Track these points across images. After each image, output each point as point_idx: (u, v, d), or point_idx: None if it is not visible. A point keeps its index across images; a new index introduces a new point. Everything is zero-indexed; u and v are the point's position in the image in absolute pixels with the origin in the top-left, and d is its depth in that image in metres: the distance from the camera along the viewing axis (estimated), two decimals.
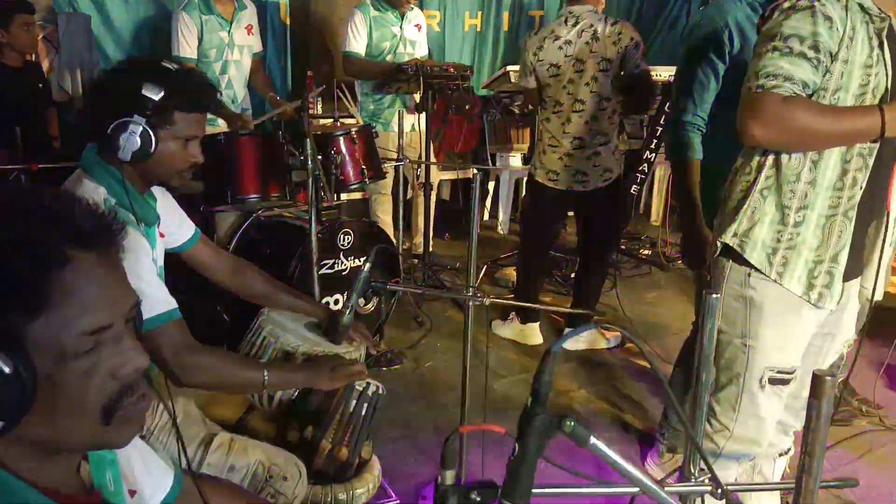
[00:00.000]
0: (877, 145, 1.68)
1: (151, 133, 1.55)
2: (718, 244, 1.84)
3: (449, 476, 1.03)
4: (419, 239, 4.48)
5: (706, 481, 1.16)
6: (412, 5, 4.16)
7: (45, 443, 0.74)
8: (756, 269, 1.78)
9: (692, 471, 1.28)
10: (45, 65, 3.79)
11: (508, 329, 3.68)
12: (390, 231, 3.84)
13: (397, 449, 2.68)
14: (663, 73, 4.60)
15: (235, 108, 3.77)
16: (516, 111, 5.55)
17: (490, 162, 5.49)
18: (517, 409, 0.86)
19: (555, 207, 3.56)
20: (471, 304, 2.21)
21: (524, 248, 3.76)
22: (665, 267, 4.78)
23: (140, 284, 1.45)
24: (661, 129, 4.38)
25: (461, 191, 5.95)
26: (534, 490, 0.89)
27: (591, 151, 3.33)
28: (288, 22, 4.92)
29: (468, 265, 2.20)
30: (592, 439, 0.85)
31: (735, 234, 1.80)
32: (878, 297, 2.19)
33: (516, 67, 4.01)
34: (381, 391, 1.85)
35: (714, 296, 1.27)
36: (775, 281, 1.76)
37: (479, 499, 1.01)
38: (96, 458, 0.87)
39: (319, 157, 2.95)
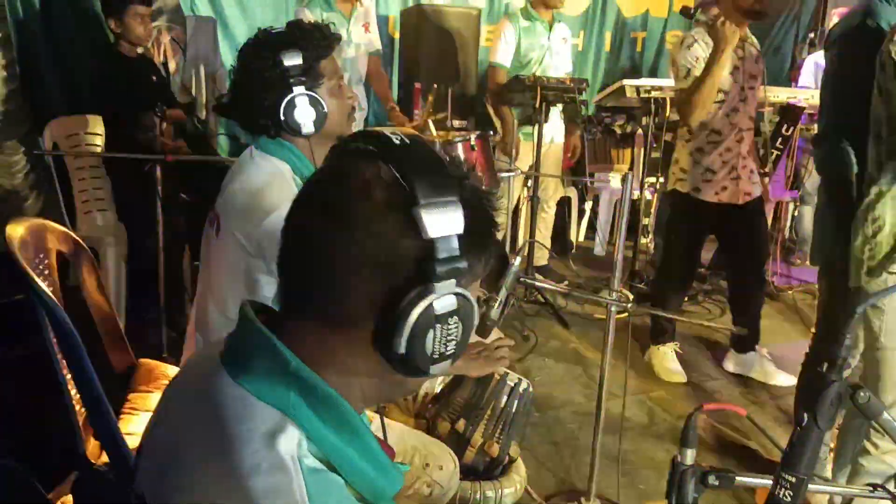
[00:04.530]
0: None
1: (316, 95, 1.58)
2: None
3: (689, 455, 0.96)
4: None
5: None
6: (560, 11, 4.26)
7: None
8: None
9: None
10: (171, 65, 3.91)
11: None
12: None
13: None
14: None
15: None
16: (617, 130, 5.47)
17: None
18: (638, 430, 0.80)
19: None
20: (613, 308, 2.15)
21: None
22: (774, 296, 4.58)
23: None
24: (776, 151, 4.23)
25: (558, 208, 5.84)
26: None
27: None
28: (397, 36, 4.99)
29: (613, 268, 2.14)
30: (885, 414, 0.77)
31: None
32: None
33: (633, 82, 3.95)
34: (530, 389, 1.80)
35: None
36: None
37: (717, 483, 0.94)
38: None
39: None
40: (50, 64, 4.16)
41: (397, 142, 0.75)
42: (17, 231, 1.60)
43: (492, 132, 3.60)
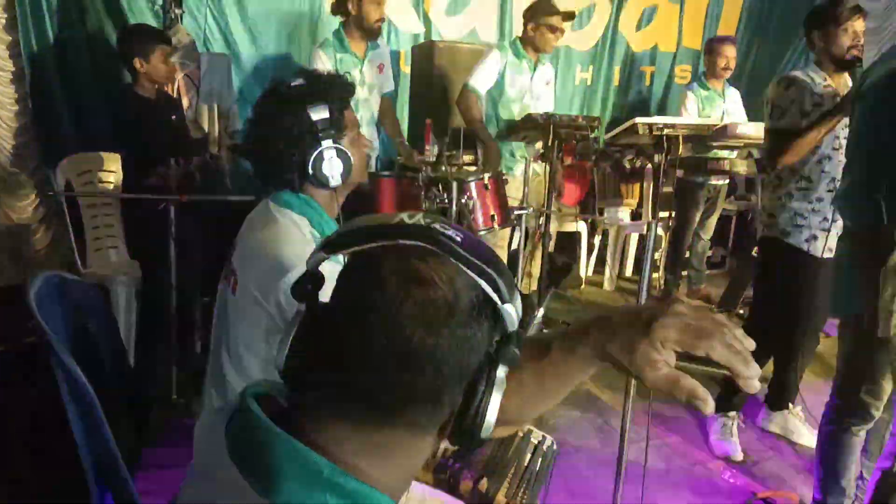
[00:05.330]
0: None
1: (343, 147, 1.58)
2: None
3: None
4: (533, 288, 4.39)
5: None
6: (547, 54, 4.21)
7: None
8: None
9: None
10: (185, 101, 3.92)
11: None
12: None
13: None
14: None
15: None
16: (627, 165, 5.46)
17: (598, 215, 5.41)
18: (654, 478, 0.78)
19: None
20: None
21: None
22: None
23: None
24: None
25: (564, 243, 5.83)
26: None
27: None
28: (408, 71, 5.00)
29: None
30: None
31: None
32: None
33: (646, 119, 3.93)
34: (555, 447, 1.76)
35: None
36: None
37: None
38: None
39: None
40: (63, 99, 4.18)
41: (458, 238, 0.73)
42: (34, 284, 1.57)
43: (503, 171, 3.58)
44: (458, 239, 0.72)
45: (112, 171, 3.56)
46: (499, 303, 0.72)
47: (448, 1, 5.21)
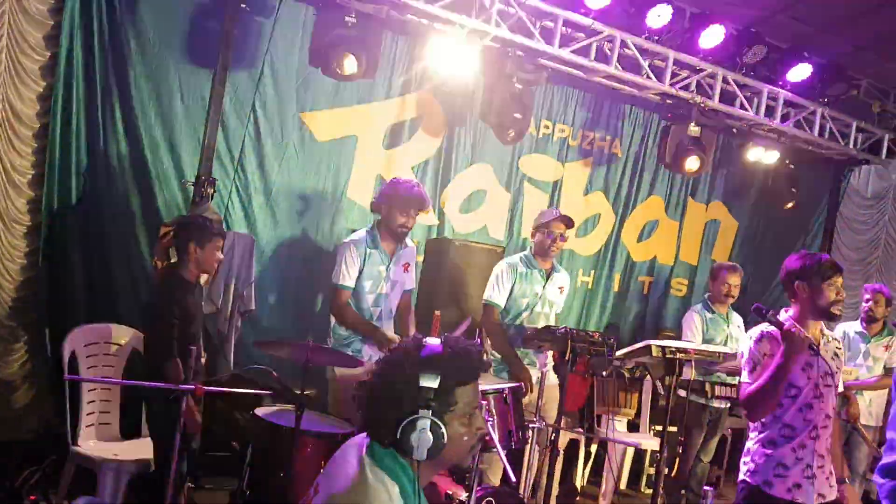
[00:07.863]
0: None
1: (440, 424, 1.50)
2: None
3: None
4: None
5: None
6: (558, 268, 4.29)
7: None
8: None
9: None
10: (203, 278, 3.88)
11: None
12: None
13: None
14: None
15: None
16: (626, 374, 5.44)
17: (596, 422, 5.30)
18: None
19: None
20: None
21: None
22: None
23: None
24: None
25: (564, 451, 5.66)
26: None
27: None
28: (420, 260, 5.07)
29: None
30: None
31: None
32: None
33: (659, 342, 3.96)
34: None
35: None
36: None
37: None
38: None
39: None
40: (77, 260, 4.13)
41: None
42: None
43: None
44: None
45: (120, 343, 3.44)
46: None
47: (462, 199, 5.42)
